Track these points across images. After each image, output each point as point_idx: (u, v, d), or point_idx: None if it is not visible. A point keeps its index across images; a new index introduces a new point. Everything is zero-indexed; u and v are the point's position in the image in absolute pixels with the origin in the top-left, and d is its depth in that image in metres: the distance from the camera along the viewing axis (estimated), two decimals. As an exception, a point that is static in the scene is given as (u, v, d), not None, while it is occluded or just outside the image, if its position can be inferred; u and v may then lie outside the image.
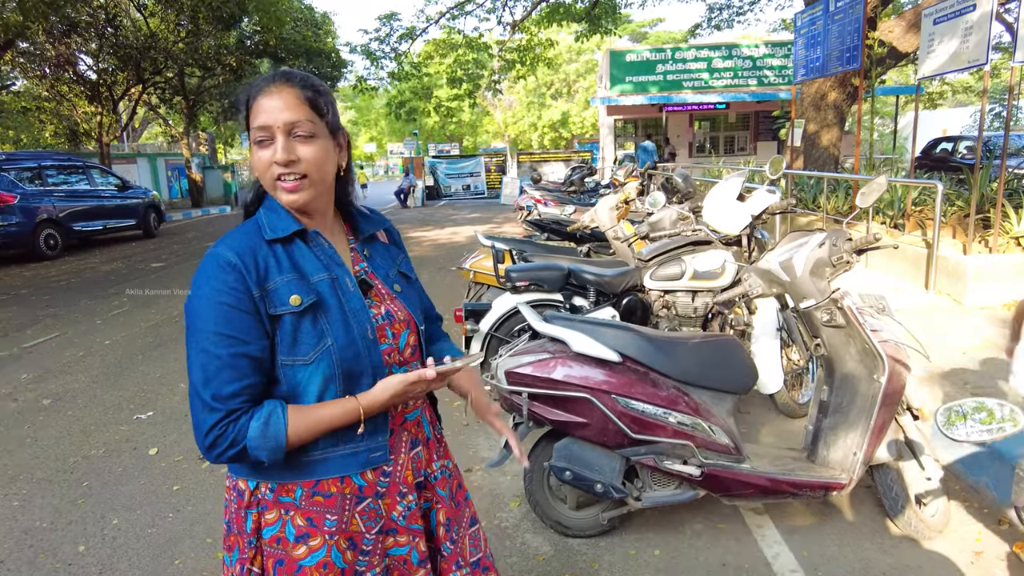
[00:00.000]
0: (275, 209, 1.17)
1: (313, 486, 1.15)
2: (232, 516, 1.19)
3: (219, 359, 1.05)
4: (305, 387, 1.13)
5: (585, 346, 2.33)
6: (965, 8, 5.39)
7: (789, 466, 2.45)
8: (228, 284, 1.07)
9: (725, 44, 20.26)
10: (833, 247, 2.39)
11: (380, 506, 1.22)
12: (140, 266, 9.84)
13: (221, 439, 1.05)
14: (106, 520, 2.85)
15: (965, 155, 13.58)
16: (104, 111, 16.90)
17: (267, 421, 1.07)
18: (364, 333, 1.16)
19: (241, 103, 1.14)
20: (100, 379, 4.68)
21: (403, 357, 1.25)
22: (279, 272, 1.11)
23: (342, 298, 1.16)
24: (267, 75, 1.15)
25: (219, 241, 1.13)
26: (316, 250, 1.18)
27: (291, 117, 1.10)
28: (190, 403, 1.08)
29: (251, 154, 1.15)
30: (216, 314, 1.06)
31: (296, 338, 1.11)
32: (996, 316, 4.75)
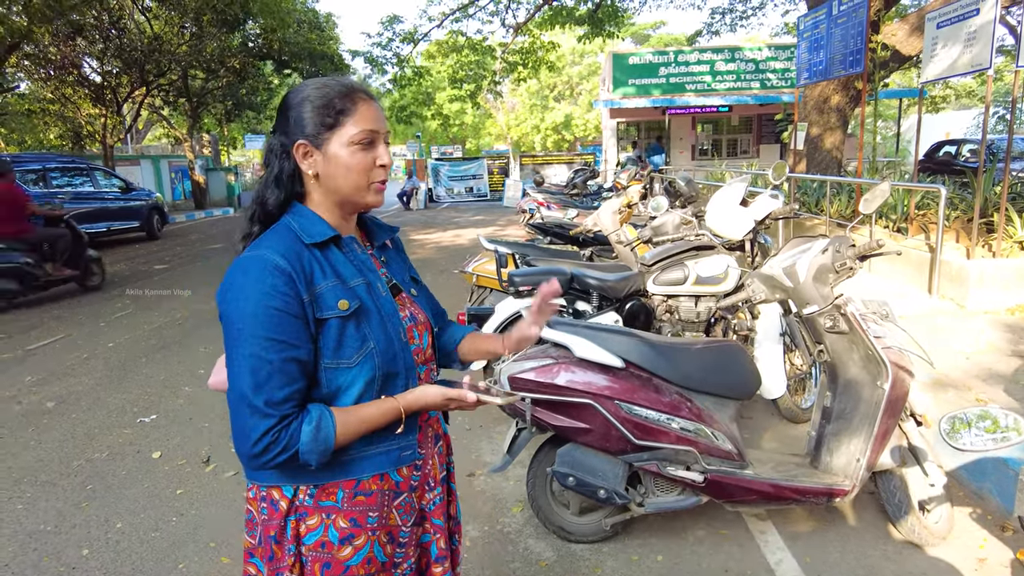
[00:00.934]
0: (305, 215, 1.18)
1: (355, 486, 1.17)
2: (263, 527, 1.18)
3: (270, 364, 1.05)
4: (346, 389, 1.15)
5: (588, 351, 2.33)
6: (968, 12, 5.39)
7: (792, 472, 2.45)
8: (278, 288, 1.06)
9: (728, 47, 20.26)
10: (836, 253, 2.40)
11: (413, 499, 1.27)
12: (143, 268, 9.86)
13: (274, 445, 1.05)
14: (110, 524, 2.85)
15: (968, 159, 13.57)
16: (108, 113, 16.95)
17: (318, 425, 1.08)
18: (399, 335, 1.20)
19: (334, 105, 1.14)
20: (104, 382, 4.69)
21: (426, 356, 1.31)
22: (323, 277, 1.13)
23: (377, 302, 1.19)
24: (343, 82, 1.18)
25: (257, 245, 1.13)
26: (350, 255, 1.20)
27: (387, 127, 1.20)
28: (234, 410, 1.07)
29: (335, 156, 1.15)
30: (266, 318, 1.05)
31: (341, 341, 1.13)
32: (1000, 320, 4.74)
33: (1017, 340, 4.33)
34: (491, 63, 19.47)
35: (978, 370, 3.87)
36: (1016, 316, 4.86)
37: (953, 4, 5.66)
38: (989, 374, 3.81)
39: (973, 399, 3.45)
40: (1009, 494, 2.62)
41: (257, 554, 1.21)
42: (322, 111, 1.14)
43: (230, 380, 1.08)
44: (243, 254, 1.12)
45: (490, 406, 1.40)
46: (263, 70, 21.41)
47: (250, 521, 1.22)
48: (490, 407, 1.78)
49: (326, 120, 1.14)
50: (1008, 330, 4.52)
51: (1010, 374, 3.78)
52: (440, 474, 1.35)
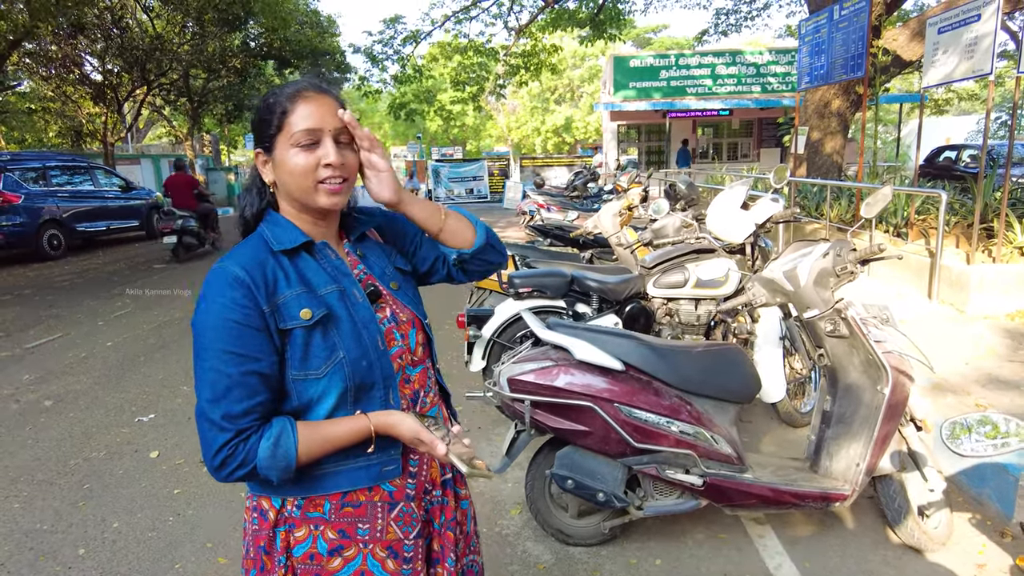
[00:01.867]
0: (279, 223, 1.16)
1: (341, 497, 1.14)
2: (253, 537, 1.17)
3: (229, 377, 1.03)
4: (318, 401, 1.11)
5: (588, 354, 2.33)
6: (969, 18, 5.40)
7: (791, 476, 2.44)
8: (236, 301, 1.04)
9: (729, 51, 20.27)
10: (837, 257, 2.39)
11: (413, 508, 1.22)
12: (143, 267, 9.86)
13: (231, 459, 1.03)
14: (107, 523, 2.84)
15: (969, 164, 13.58)
16: (109, 112, 16.95)
17: (277, 442, 1.05)
18: (375, 344, 1.15)
19: (276, 108, 1.11)
20: (102, 381, 4.68)
21: (415, 357, 1.25)
22: (288, 286, 1.10)
23: (351, 309, 1.14)
24: (297, 83, 1.14)
25: (225, 256, 1.11)
26: (323, 262, 1.16)
27: (338, 123, 1.11)
28: (197, 422, 1.06)
29: (282, 160, 1.11)
30: (225, 332, 1.04)
31: (307, 352, 1.09)
32: (999, 326, 4.73)
33: (1017, 346, 4.33)
34: (493, 65, 19.48)
35: (978, 375, 3.86)
36: (1016, 322, 4.86)
37: (954, 9, 5.67)
38: (989, 379, 3.80)
39: (973, 404, 3.45)
40: (1009, 500, 2.61)
41: (246, 565, 1.19)
42: (269, 116, 1.11)
43: (196, 391, 1.07)
44: (213, 266, 1.10)
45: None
46: (264, 70, 21.42)
47: (244, 531, 1.21)
48: (488, 411, 1.75)
49: (272, 125, 1.11)
50: (1008, 335, 4.51)
51: (1010, 379, 3.77)
52: (442, 476, 1.31)
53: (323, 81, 1.21)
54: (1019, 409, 3.36)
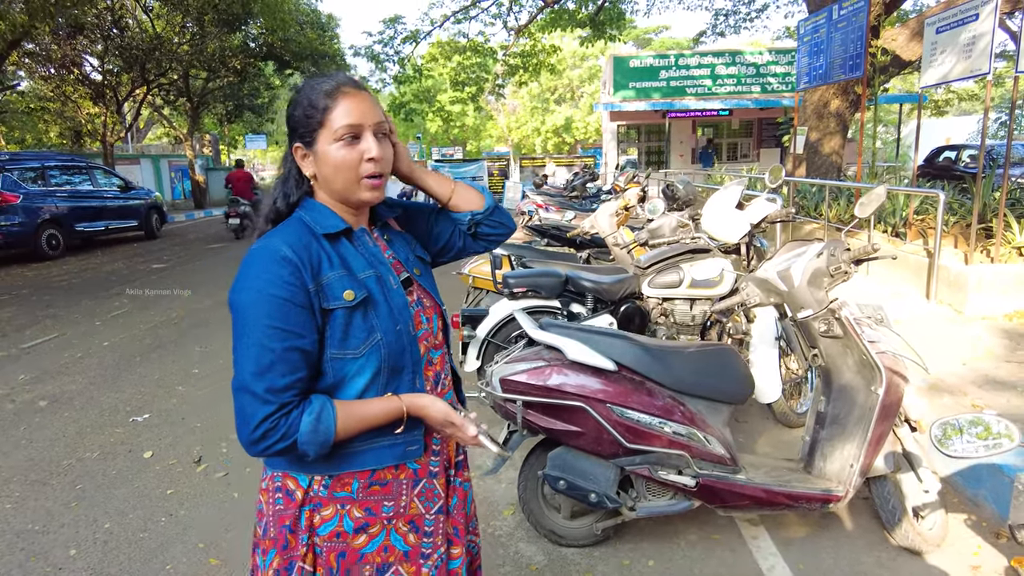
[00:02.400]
0: (318, 209, 1.20)
1: (369, 476, 1.18)
2: (275, 517, 1.18)
3: (273, 352, 1.06)
4: (351, 380, 1.15)
5: (580, 354, 2.31)
6: (968, 18, 5.39)
7: (785, 477, 2.43)
8: (283, 278, 1.07)
9: (729, 51, 20.26)
10: (831, 257, 2.38)
11: (436, 485, 1.26)
12: (141, 267, 9.85)
13: (272, 432, 1.06)
14: (98, 524, 2.83)
15: (968, 164, 13.56)
16: (108, 112, 16.96)
17: (319, 417, 1.08)
18: (408, 329, 1.20)
19: (317, 104, 1.13)
20: (97, 381, 4.67)
21: (437, 340, 1.30)
22: (331, 267, 1.14)
23: (387, 294, 1.19)
24: (334, 78, 1.17)
25: (268, 235, 1.14)
26: (360, 248, 1.21)
27: (379, 118, 1.16)
28: (236, 395, 1.08)
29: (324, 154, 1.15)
30: (271, 308, 1.07)
31: (347, 332, 1.13)
32: (997, 326, 4.72)
33: (1014, 346, 4.32)
34: (492, 65, 19.47)
35: (974, 376, 3.85)
36: (1013, 322, 4.84)
37: (952, 9, 5.66)
38: (985, 380, 3.79)
39: (969, 405, 3.44)
40: (1004, 501, 2.59)
41: (263, 545, 1.20)
42: (309, 112, 1.15)
43: (235, 368, 1.09)
44: (253, 245, 1.14)
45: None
46: (264, 70, 21.41)
47: (260, 512, 1.22)
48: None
49: (313, 120, 1.14)
50: (1005, 336, 4.50)
51: (1007, 380, 3.76)
52: (456, 456, 1.36)
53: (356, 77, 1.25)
54: (1015, 410, 3.35)
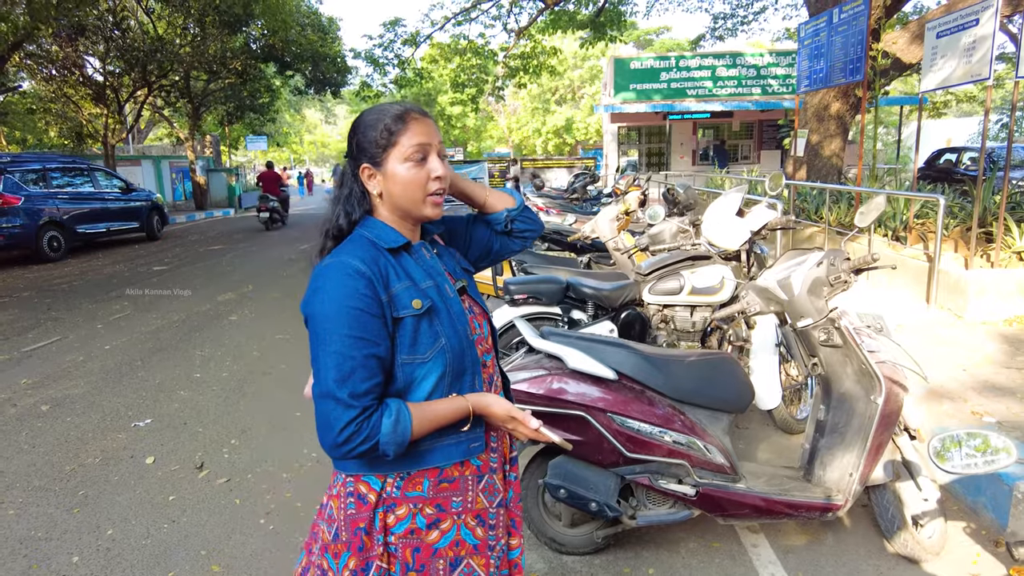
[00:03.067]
0: (378, 227, 1.29)
1: (439, 475, 1.27)
2: (347, 521, 1.24)
3: (353, 360, 1.15)
4: (420, 383, 1.24)
5: (581, 363, 2.32)
6: (968, 23, 5.39)
7: (785, 486, 2.44)
8: (359, 290, 1.17)
9: (729, 52, 20.27)
10: (831, 267, 2.39)
11: (496, 480, 1.35)
12: (142, 269, 9.86)
13: (356, 435, 1.14)
14: (101, 530, 2.84)
15: (969, 167, 13.57)
16: (110, 113, 16.97)
17: (397, 418, 1.17)
18: (467, 333, 1.29)
19: (388, 127, 1.24)
20: (99, 385, 4.68)
21: (488, 344, 1.39)
22: (397, 279, 1.23)
23: (447, 302, 1.28)
24: (401, 105, 1.28)
25: (337, 252, 1.24)
26: (419, 260, 1.30)
27: (440, 140, 1.29)
28: (319, 403, 1.17)
29: (393, 173, 1.25)
30: (349, 318, 1.16)
31: (416, 338, 1.22)
32: (998, 332, 4.73)
33: (1014, 352, 4.32)
34: (493, 67, 19.49)
35: (974, 382, 3.85)
36: (1014, 327, 4.85)
37: (953, 14, 5.67)
38: (985, 386, 3.79)
39: (968, 411, 3.44)
40: (1003, 509, 2.60)
41: (334, 549, 1.25)
42: (378, 134, 1.25)
43: (316, 377, 1.19)
44: (324, 261, 1.23)
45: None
46: (265, 71, 21.43)
47: (329, 517, 1.28)
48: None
49: (381, 141, 1.25)
50: (1005, 342, 4.51)
51: (1007, 386, 3.77)
52: (511, 453, 1.46)
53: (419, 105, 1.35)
54: (1015, 417, 3.35)
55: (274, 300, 7.32)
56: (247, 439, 3.72)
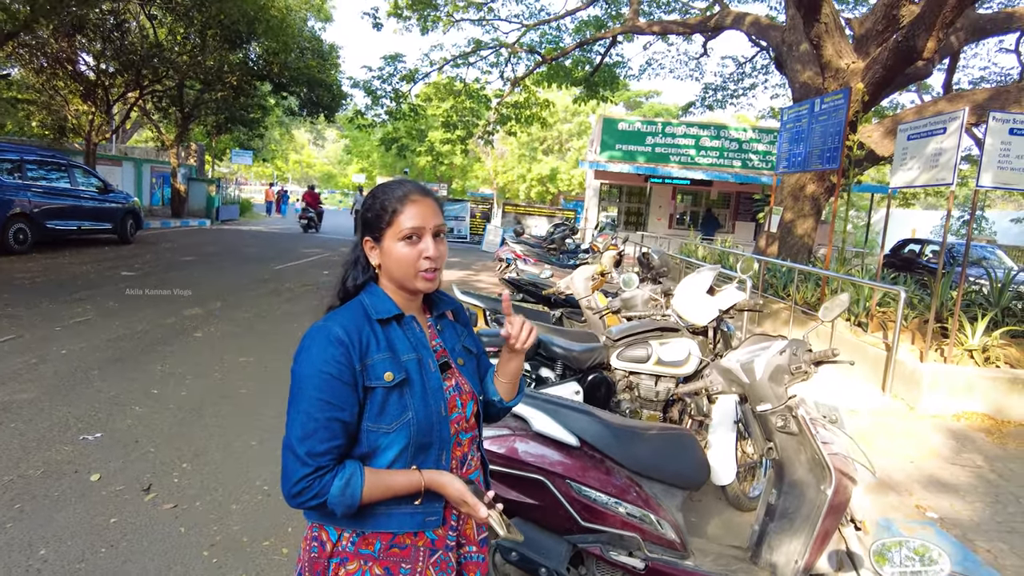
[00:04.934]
0: (377, 295, 1.37)
1: (391, 539, 1.32)
2: (311, 563, 1.33)
3: (316, 421, 1.23)
4: (383, 452, 1.30)
5: (545, 426, 2.36)
6: (936, 130, 5.73)
7: (732, 567, 2.48)
8: (335, 357, 1.24)
9: (714, 124, 21.04)
10: (793, 356, 2.48)
11: (451, 558, 1.39)
12: (109, 273, 9.67)
13: (307, 491, 1.22)
14: (33, 549, 2.74)
15: (931, 259, 14.13)
16: (97, 111, 16.82)
17: (348, 482, 1.24)
18: (439, 409, 1.34)
19: (388, 207, 1.33)
20: (51, 391, 4.55)
21: (468, 424, 1.44)
22: (377, 350, 1.30)
23: (424, 377, 1.34)
24: (404, 186, 1.37)
25: (328, 317, 1.33)
26: (408, 332, 1.36)
27: (438, 222, 1.36)
28: (283, 453, 1.26)
29: (389, 250, 1.34)
30: (320, 382, 1.24)
31: (384, 408, 1.29)
32: (946, 426, 4.90)
33: (960, 448, 4.47)
34: (485, 111, 19.89)
35: (920, 475, 3.97)
36: (961, 423, 5.03)
37: (924, 120, 6.02)
38: (930, 480, 3.91)
39: (913, 505, 3.54)
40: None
41: None
42: (380, 212, 1.35)
43: (286, 428, 1.26)
44: (316, 324, 1.31)
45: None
46: (260, 89, 21.52)
47: (299, 558, 1.37)
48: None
49: (382, 220, 1.34)
50: (953, 437, 4.67)
51: (950, 482, 3.89)
52: (480, 535, 1.48)
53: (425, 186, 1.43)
54: (957, 514, 3.46)
55: (243, 320, 7.23)
56: (199, 464, 3.64)
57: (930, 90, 19.90)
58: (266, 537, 2.97)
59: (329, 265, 12.89)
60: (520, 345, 1.43)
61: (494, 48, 17.97)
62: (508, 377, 1.51)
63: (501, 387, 1.53)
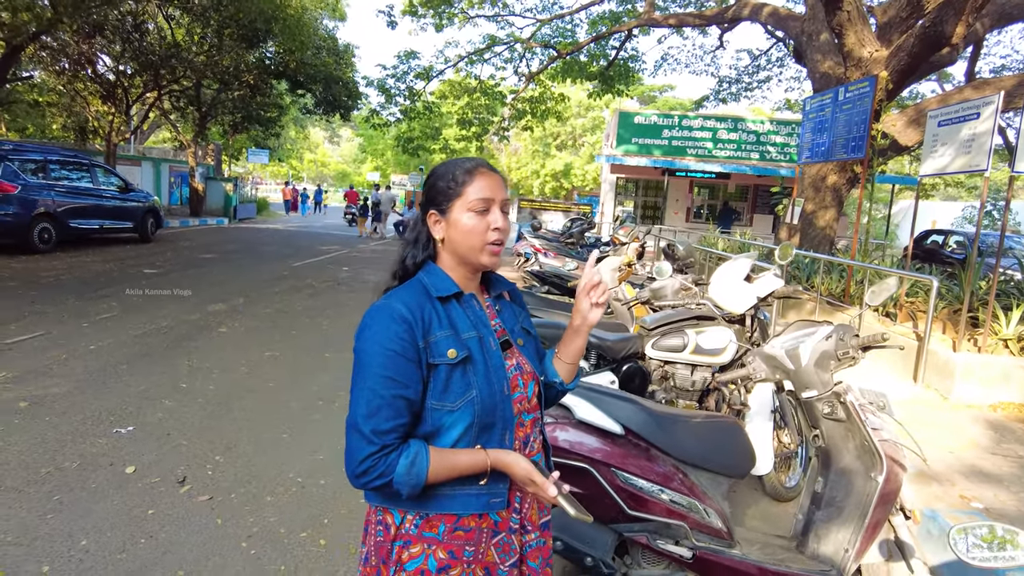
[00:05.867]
0: (436, 274, 1.35)
1: (455, 521, 1.30)
2: (375, 546, 1.33)
3: (381, 398, 1.22)
4: (447, 430, 1.28)
5: (589, 415, 2.32)
6: (969, 115, 5.61)
7: (779, 556, 2.43)
8: (399, 335, 1.24)
9: (731, 117, 20.83)
10: (840, 341, 2.43)
11: (514, 541, 1.37)
12: (132, 270, 9.75)
13: (372, 469, 1.21)
14: (74, 539, 2.75)
15: (955, 249, 13.90)
16: (116, 112, 16.99)
17: (413, 461, 1.22)
18: (501, 388, 1.32)
19: (457, 178, 1.32)
20: (82, 385, 4.58)
21: (531, 405, 1.42)
22: (439, 327, 1.29)
23: (486, 355, 1.32)
24: (472, 160, 1.36)
25: (390, 295, 1.31)
26: (468, 311, 1.35)
27: (505, 196, 1.35)
28: (348, 432, 1.24)
29: (456, 221, 1.32)
30: (385, 359, 1.23)
31: (447, 386, 1.27)
32: (983, 416, 4.80)
33: (999, 438, 4.38)
34: (500, 108, 19.85)
35: (961, 466, 3.89)
36: (998, 413, 4.93)
37: (955, 106, 5.90)
38: (972, 471, 3.83)
39: (957, 496, 3.47)
40: (989, 599, 2.61)
41: (365, 571, 1.35)
42: (448, 184, 1.33)
43: (350, 408, 1.25)
44: (377, 302, 1.31)
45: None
46: (277, 88, 21.63)
47: (366, 536, 1.36)
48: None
49: (449, 191, 1.33)
50: (991, 427, 4.57)
51: (993, 472, 3.81)
52: (541, 518, 1.47)
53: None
54: (1003, 504, 3.38)
55: (265, 316, 7.25)
56: (232, 457, 3.65)
57: (951, 79, 19.58)
58: (303, 529, 2.96)
59: (347, 262, 12.93)
60: (598, 297, 1.38)
61: (508, 44, 17.92)
62: (571, 357, 1.47)
63: (562, 368, 1.49)
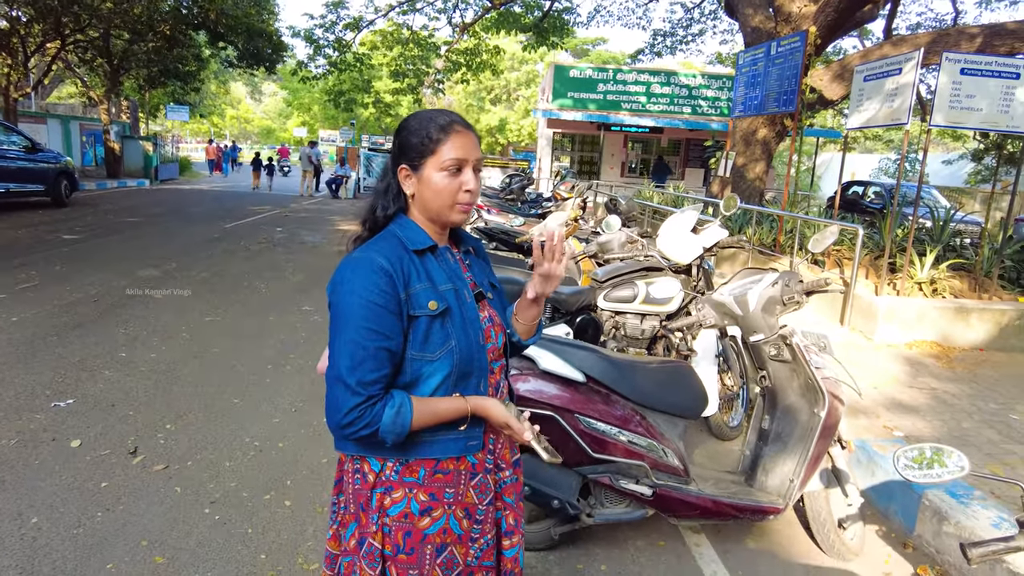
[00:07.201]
0: (409, 227, 1.36)
1: (434, 465, 1.34)
2: (353, 495, 1.36)
3: (365, 350, 1.23)
4: (426, 380, 1.31)
5: (552, 364, 2.40)
6: (892, 70, 5.88)
7: (731, 490, 2.61)
8: (380, 287, 1.24)
9: (664, 71, 21.00)
10: (785, 287, 2.57)
11: (489, 481, 1.42)
12: (49, 237, 9.14)
13: (358, 420, 1.22)
14: (24, 518, 2.65)
15: (873, 200, 14.68)
16: (13, 64, 15.58)
17: (399, 410, 1.24)
18: (477, 339, 1.35)
19: (431, 134, 1.30)
20: (8, 359, 4.33)
21: (499, 354, 1.46)
22: (418, 279, 1.30)
23: (462, 307, 1.34)
24: (447, 115, 1.34)
25: (367, 247, 1.31)
26: (443, 264, 1.37)
27: (479, 156, 1.35)
28: (329, 385, 1.25)
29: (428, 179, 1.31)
30: (367, 312, 1.23)
31: (427, 337, 1.29)
32: (901, 354, 5.19)
33: (915, 373, 4.76)
34: (433, 59, 19.34)
35: (883, 399, 4.22)
36: (914, 350, 5.34)
37: (879, 61, 6.16)
38: (893, 403, 4.17)
39: (881, 426, 3.77)
40: (912, 514, 2.88)
41: (343, 519, 1.38)
42: (421, 140, 1.31)
43: (330, 360, 1.26)
44: (353, 254, 1.31)
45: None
46: (196, 39, 20.29)
47: (341, 487, 1.39)
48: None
49: (422, 148, 1.31)
50: (908, 363, 4.96)
51: (910, 404, 4.15)
52: (512, 456, 1.52)
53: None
54: (920, 431, 3.71)
55: (201, 280, 6.98)
56: (183, 425, 3.56)
57: (871, 35, 20.32)
58: (266, 491, 2.95)
59: (281, 222, 12.52)
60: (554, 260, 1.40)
61: (441, -7, 17.38)
62: (527, 321, 1.53)
63: (519, 327, 1.54)
